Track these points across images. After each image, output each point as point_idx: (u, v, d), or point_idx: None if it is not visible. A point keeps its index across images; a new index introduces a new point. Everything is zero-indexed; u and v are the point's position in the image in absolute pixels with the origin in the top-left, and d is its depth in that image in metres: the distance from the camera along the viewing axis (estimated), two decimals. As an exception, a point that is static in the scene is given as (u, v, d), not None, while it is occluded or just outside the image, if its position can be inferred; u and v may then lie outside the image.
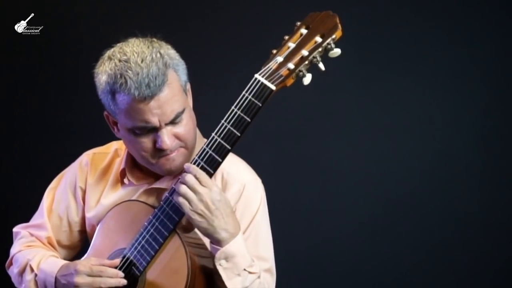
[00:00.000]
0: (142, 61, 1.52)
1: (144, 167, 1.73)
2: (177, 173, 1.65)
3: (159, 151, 1.59)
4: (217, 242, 1.51)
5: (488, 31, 2.53)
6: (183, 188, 1.49)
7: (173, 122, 1.57)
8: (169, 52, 1.59)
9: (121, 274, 1.60)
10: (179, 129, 1.59)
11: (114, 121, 1.66)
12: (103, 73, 1.58)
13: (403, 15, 2.57)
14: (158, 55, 1.55)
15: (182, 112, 1.59)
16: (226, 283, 1.52)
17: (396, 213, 2.63)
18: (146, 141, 1.58)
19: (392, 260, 2.64)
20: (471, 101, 2.57)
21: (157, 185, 1.71)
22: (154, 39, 1.61)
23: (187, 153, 1.64)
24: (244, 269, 1.52)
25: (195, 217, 1.49)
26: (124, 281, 1.60)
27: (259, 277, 1.57)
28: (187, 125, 1.60)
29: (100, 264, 1.62)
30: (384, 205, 2.64)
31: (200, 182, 1.49)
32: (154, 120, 1.54)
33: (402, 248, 2.63)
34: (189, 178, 1.49)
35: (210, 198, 1.48)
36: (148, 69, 1.51)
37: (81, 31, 2.87)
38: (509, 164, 2.56)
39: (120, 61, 1.54)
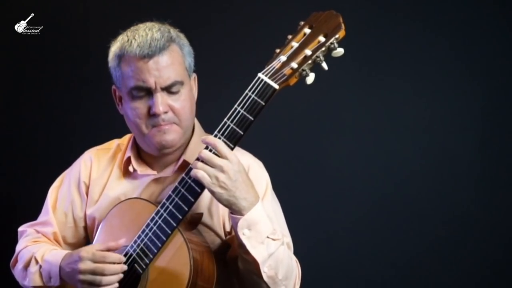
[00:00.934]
0: (149, 30, 1.64)
1: (148, 157, 1.75)
2: (177, 154, 1.70)
3: (152, 119, 1.63)
4: (238, 211, 1.51)
5: (488, 31, 2.53)
6: (200, 164, 1.49)
7: (169, 90, 1.63)
8: (179, 34, 1.70)
9: (124, 259, 1.60)
10: (176, 102, 1.64)
11: (120, 95, 1.72)
12: (115, 44, 1.69)
13: (406, 15, 2.58)
14: (166, 29, 1.67)
15: (181, 84, 1.64)
16: (251, 251, 1.51)
17: (396, 212, 2.63)
18: (141, 107, 1.64)
19: (391, 258, 2.64)
20: (470, 101, 2.57)
21: (161, 174, 1.73)
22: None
23: (181, 132, 1.67)
24: (267, 237, 1.53)
25: (217, 190, 1.48)
26: (125, 267, 1.60)
27: (283, 243, 1.57)
28: (184, 101, 1.65)
29: (105, 248, 1.62)
30: (384, 204, 2.64)
31: (219, 152, 1.49)
32: (151, 81, 1.61)
33: (402, 246, 2.63)
34: (205, 153, 1.50)
35: (230, 170, 1.48)
36: (152, 34, 1.62)
37: (81, 31, 2.87)
38: (507, 164, 2.56)
39: (131, 31, 1.67)
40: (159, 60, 1.61)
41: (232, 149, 1.52)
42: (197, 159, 1.52)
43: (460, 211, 2.59)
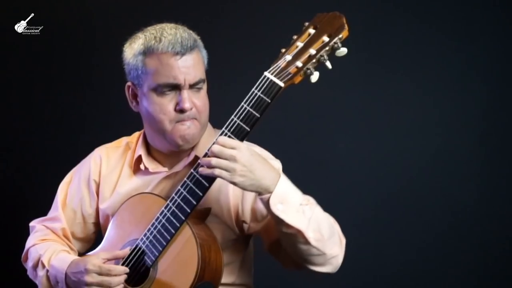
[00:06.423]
0: (176, 29, 1.69)
1: (158, 155, 1.79)
2: (188, 150, 1.73)
3: (177, 115, 1.67)
4: (265, 191, 1.55)
5: (488, 31, 2.57)
6: (214, 160, 1.52)
7: (194, 87, 1.68)
8: (196, 37, 1.74)
9: (128, 270, 1.66)
10: (198, 100, 1.69)
11: (135, 93, 1.75)
12: (136, 42, 1.71)
13: (408, 16, 2.61)
14: (190, 31, 1.72)
15: (203, 81, 1.71)
16: (292, 222, 1.55)
17: (398, 212, 2.65)
18: (167, 103, 1.67)
19: (394, 258, 2.67)
20: (473, 100, 2.60)
21: (172, 170, 1.76)
22: None
23: (200, 128, 1.72)
24: (300, 204, 1.58)
25: (238, 179, 1.52)
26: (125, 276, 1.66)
27: (315, 205, 1.63)
28: (204, 98, 1.72)
29: (111, 256, 1.68)
30: (386, 203, 2.66)
31: (226, 146, 1.53)
32: (181, 78, 1.65)
33: (404, 246, 2.66)
34: (215, 147, 1.53)
35: (242, 157, 1.52)
36: (181, 34, 1.67)
37: (81, 31, 2.89)
38: (507, 163, 2.59)
39: (155, 29, 1.70)
40: (188, 58, 1.66)
41: None
42: (205, 155, 1.56)
43: (463, 211, 2.61)
